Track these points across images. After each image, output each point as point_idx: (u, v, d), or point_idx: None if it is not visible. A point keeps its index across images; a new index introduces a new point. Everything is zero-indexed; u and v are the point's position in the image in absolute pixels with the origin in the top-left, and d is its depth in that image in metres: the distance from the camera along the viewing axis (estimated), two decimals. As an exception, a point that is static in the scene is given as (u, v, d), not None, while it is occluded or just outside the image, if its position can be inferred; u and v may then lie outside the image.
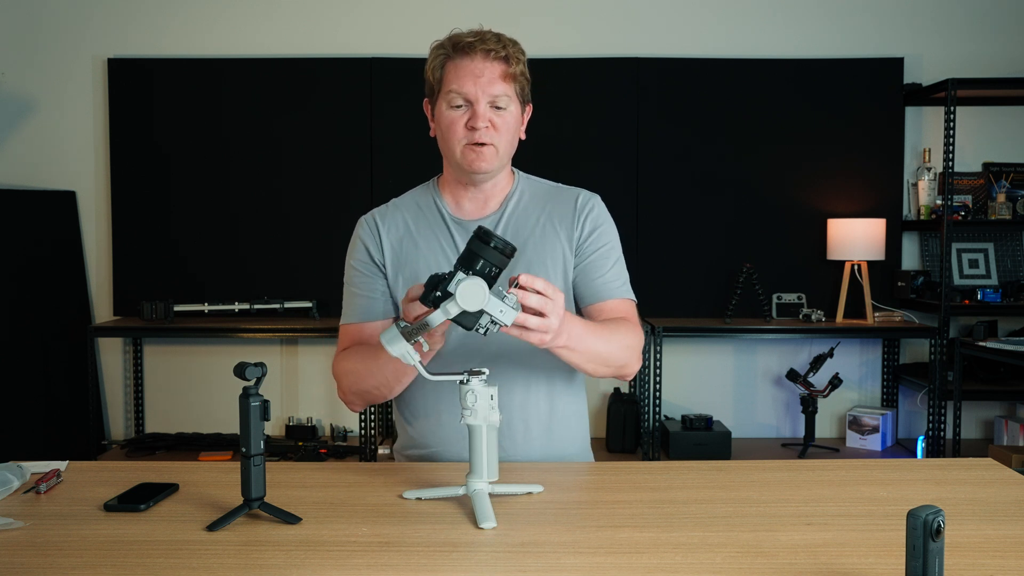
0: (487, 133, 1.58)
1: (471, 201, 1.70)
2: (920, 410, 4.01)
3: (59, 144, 4.00)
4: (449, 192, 1.71)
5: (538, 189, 1.74)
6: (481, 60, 1.57)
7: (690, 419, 3.71)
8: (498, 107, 1.58)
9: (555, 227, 1.69)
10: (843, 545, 1.21)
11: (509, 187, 1.72)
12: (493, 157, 1.60)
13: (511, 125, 1.61)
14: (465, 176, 1.64)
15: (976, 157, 4.02)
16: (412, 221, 1.70)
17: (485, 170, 1.61)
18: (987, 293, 3.77)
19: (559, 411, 1.71)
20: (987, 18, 3.99)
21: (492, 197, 1.70)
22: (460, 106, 1.58)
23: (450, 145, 1.61)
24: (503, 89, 1.58)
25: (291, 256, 3.94)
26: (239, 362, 1.27)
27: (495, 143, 1.59)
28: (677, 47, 3.96)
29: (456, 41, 1.59)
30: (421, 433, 1.70)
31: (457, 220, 1.69)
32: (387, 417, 3.97)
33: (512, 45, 1.60)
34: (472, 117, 1.57)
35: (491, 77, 1.57)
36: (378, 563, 1.15)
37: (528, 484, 1.42)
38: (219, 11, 3.99)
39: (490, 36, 1.59)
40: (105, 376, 4.07)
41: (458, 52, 1.58)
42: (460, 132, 1.59)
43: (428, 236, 1.68)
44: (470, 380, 1.34)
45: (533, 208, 1.70)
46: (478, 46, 1.57)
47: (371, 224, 1.72)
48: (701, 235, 3.93)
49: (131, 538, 1.24)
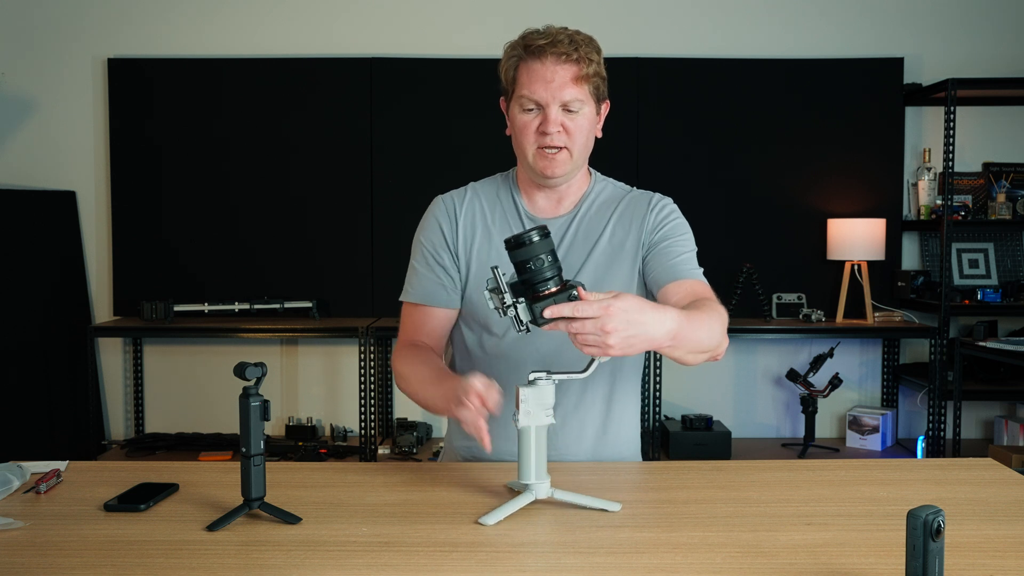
0: (559, 137, 1.57)
1: (546, 200, 1.69)
2: (920, 410, 4.01)
3: (59, 144, 4.00)
4: (524, 188, 1.71)
5: (614, 191, 1.74)
6: (552, 63, 1.55)
7: (690, 419, 3.70)
8: (570, 110, 1.57)
9: (627, 226, 1.67)
10: (843, 545, 1.21)
11: (585, 187, 1.71)
12: (566, 161, 1.60)
13: (584, 127, 1.60)
14: (538, 178, 1.64)
15: (976, 157, 4.02)
16: (488, 210, 1.70)
17: (558, 175, 1.60)
18: (987, 293, 3.77)
19: (615, 414, 1.70)
20: (987, 18, 3.99)
21: (566, 197, 1.69)
22: (531, 110, 1.58)
23: (523, 148, 1.61)
24: (574, 93, 1.56)
25: (291, 256, 3.93)
26: (239, 362, 1.27)
27: (568, 146, 1.59)
28: (677, 47, 3.96)
29: (528, 43, 1.57)
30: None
31: (532, 217, 1.68)
32: (387, 417, 3.97)
33: (586, 45, 1.58)
34: (544, 122, 1.56)
35: (562, 81, 1.55)
36: (378, 563, 1.15)
37: (606, 500, 1.36)
38: (219, 11, 3.99)
39: (562, 37, 1.56)
40: (105, 376, 4.07)
41: (530, 55, 1.56)
42: (532, 136, 1.58)
43: (503, 229, 1.67)
44: (535, 382, 1.33)
45: (606, 209, 1.70)
46: (549, 49, 1.54)
47: (449, 205, 1.71)
48: (701, 235, 3.89)
49: (131, 538, 1.24)
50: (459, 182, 1.80)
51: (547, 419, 1.34)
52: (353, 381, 3.93)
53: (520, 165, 1.68)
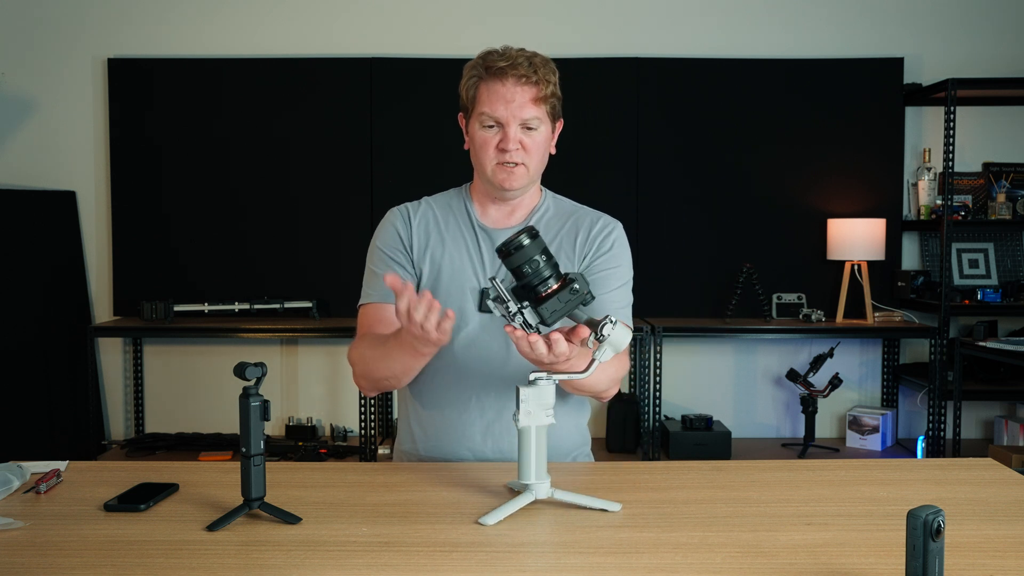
0: (517, 154, 1.65)
1: (498, 211, 1.77)
2: (920, 410, 4.01)
3: (59, 144, 4.00)
4: (478, 200, 1.78)
5: (562, 208, 1.80)
6: (512, 85, 1.63)
7: (690, 419, 3.70)
8: (529, 128, 1.65)
9: (571, 245, 1.74)
10: (843, 545, 1.21)
11: (536, 202, 1.79)
12: (523, 176, 1.68)
13: (541, 145, 1.68)
14: (495, 191, 1.72)
15: (976, 157, 4.02)
16: (442, 219, 1.77)
17: (516, 187, 1.69)
18: (987, 293, 3.77)
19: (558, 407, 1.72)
20: (987, 18, 3.99)
21: (518, 209, 1.77)
22: (492, 126, 1.65)
23: (482, 163, 1.68)
24: (533, 112, 1.64)
25: (291, 256, 3.94)
26: (239, 362, 1.27)
27: (525, 163, 1.66)
28: (677, 47, 3.96)
29: (489, 64, 1.64)
30: (435, 430, 1.72)
31: (483, 227, 1.75)
32: (387, 417, 3.97)
33: (543, 67, 1.66)
34: (503, 139, 1.64)
35: (522, 102, 1.63)
36: (378, 563, 1.15)
37: (606, 500, 1.36)
38: (219, 11, 3.99)
39: (522, 60, 1.63)
40: (105, 376, 4.07)
41: (491, 75, 1.64)
42: (492, 152, 1.66)
43: (456, 236, 1.75)
44: (535, 382, 1.34)
45: (554, 224, 1.77)
46: (510, 71, 1.62)
47: (404, 212, 1.78)
48: (701, 235, 3.93)
49: (131, 538, 1.24)
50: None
51: (547, 419, 1.35)
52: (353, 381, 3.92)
53: (478, 177, 1.76)
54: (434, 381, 1.71)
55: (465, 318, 1.68)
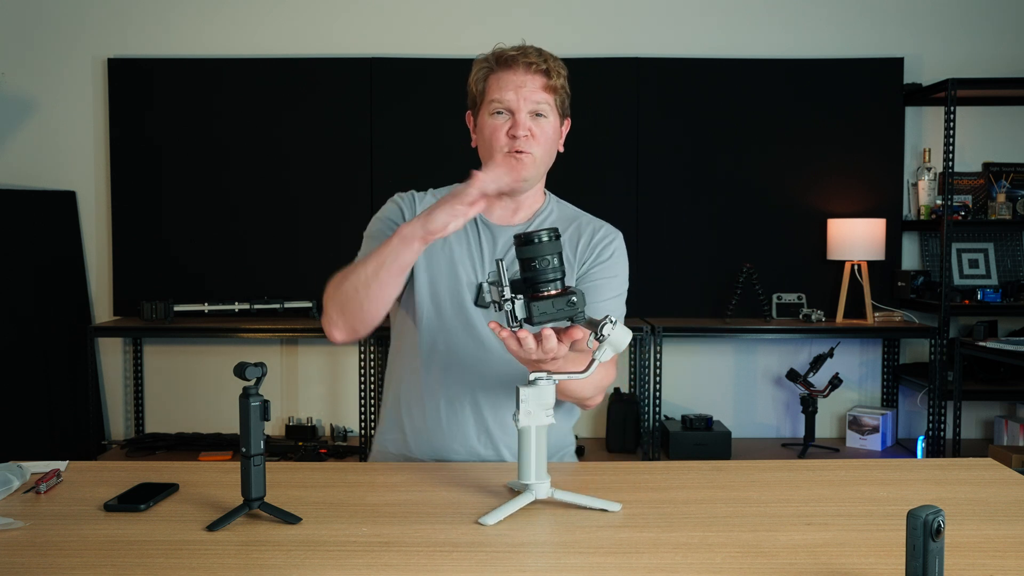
0: (527, 142, 1.64)
1: (503, 208, 1.75)
2: (920, 410, 4.01)
3: (59, 144, 4.00)
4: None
5: (565, 212, 1.79)
6: (523, 72, 1.63)
7: (690, 419, 3.70)
8: (539, 114, 1.64)
9: (571, 250, 1.73)
10: (843, 545, 1.21)
11: (540, 203, 1.77)
12: (532, 165, 1.66)
13: (550, 135, 1.67)
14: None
15: (976, 157, 4.02)
16: None
17: (525, 177, 1.66)
18: (987, 293, 3.77)
19: None
20: (987, 18, 3.99)
21: (522, 207, 1.75)
22: (501, 113, 1.64)
23: (491, 152, 1.66)
24: (544, 98, 1.64)
25: (291, 256, 3.94)
26: (239, 362, 1.27)
27: (534, 151, 1.65)
28: (676, 47, 3.96)
29: (499, 55, 1.66)
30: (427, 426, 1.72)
31: (486, 223, 1.74)
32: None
33: (553, 60, 1.66)
34: (513, 126, 1.63)
35: (532, 87, 1.63)
36: (378, 563, 1.15)
37: (606, 500, 1.36)
38: (219, 11, 3.99)
39: (532, 50, 1.65)
40: (105, 376, 4.07)
41: (501, 65, 1.65)
42: (501, 139, 1.64)
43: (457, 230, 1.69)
44: (535, 382, 1.34)
45: (559, 226, 1.73)
46: (520, 59, 1.63)
47: (407, 198, 1.78)
48: (701, 235, 3.93)
49: (131, 538, 1.24)
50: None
51: (547, 419, 1.35)
52: (353, 381, 3.93)
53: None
54: (428, 375, 1.70)
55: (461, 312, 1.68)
